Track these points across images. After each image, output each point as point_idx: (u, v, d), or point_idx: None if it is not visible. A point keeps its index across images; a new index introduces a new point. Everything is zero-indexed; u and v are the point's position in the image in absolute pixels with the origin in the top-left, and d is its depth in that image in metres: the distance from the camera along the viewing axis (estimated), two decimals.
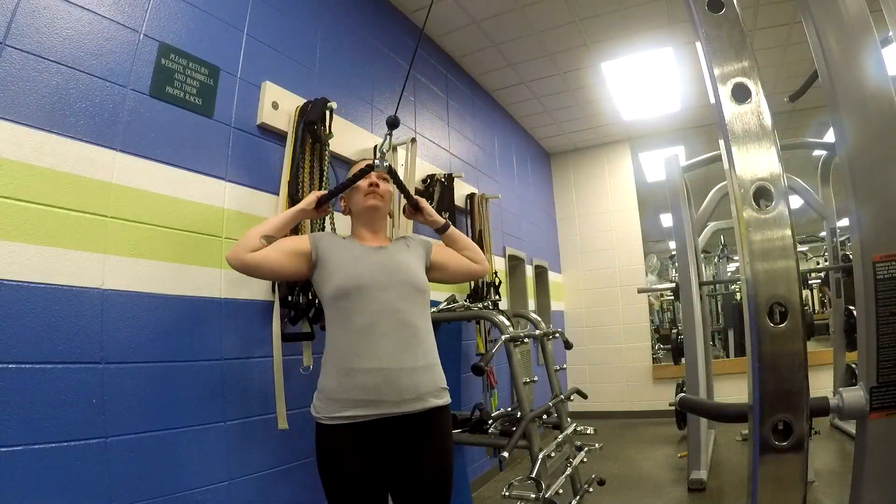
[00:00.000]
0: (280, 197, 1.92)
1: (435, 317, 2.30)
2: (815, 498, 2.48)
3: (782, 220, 0.67)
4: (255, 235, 1.32)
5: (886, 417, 0.83)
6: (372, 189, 1.43)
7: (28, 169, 1.26)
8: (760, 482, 0.67)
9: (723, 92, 0.72)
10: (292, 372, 1.86)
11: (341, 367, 1.27)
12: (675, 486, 2.94)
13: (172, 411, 1.51)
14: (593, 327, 5.26)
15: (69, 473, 1.25)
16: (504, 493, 1.76)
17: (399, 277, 1.34)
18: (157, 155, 1.57)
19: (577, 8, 3.19)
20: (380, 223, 1.48)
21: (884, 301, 0.84)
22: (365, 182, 1.43)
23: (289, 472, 1.84)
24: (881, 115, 0.86)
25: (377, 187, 1.43)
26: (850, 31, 0.90)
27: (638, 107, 4.58)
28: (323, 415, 1.27)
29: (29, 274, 1.24)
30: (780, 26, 3.38)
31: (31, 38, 1.31)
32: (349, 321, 1.28)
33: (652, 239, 7.61)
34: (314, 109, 2.01)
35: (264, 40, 2.01)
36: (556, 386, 2.36)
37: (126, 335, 1.43)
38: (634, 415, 4.95)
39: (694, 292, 3.11)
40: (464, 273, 1.56)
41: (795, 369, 0.66)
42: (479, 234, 3.28)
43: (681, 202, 3.16)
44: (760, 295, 0.66)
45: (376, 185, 1.43)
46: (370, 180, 1.43)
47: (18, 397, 1.19)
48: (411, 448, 1.29)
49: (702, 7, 0.75)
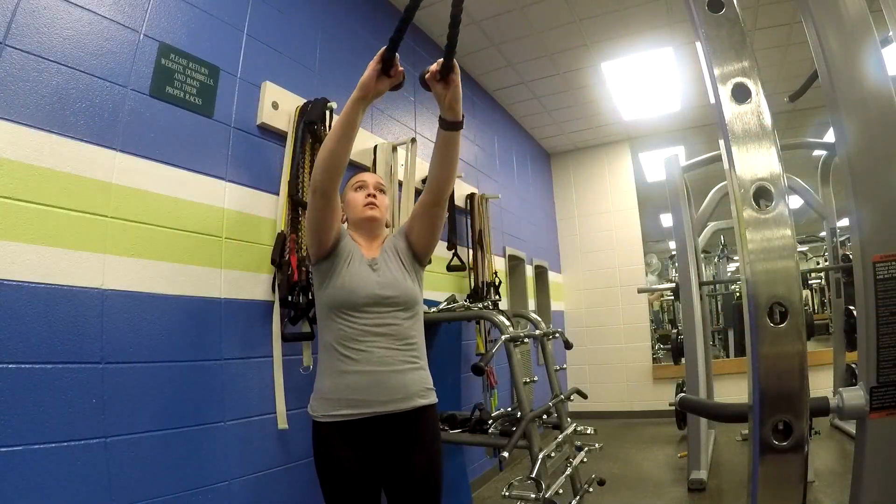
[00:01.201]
0: (280, 197, 1.92)
1: (435, 317, 2.30)
2: (815, 498, 2.48)
3: (782, 220, 0.67)
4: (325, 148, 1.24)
5: (886, 417, 0.83)
6: (370, 201, 1.45)
7: (28, 169, 1.26)
8: (760, 482, 0.67)
9: (723, 92, 0.72)
10: (292, 372, 1.86)
11: (334, 369, 1.31)
12: (675, 486, 2.94)
13: (172, 411, 1.51)
14: (593, 327, 5.26)
15: (69, 473, 1.25)
16: (504, 493, 1.76)
17: (394, 298, 1.36)
18: (157, 155, 1.57)
19: (577, 8, 3.19)
20: (377, 232, 1.49)
21: (884, 301, 0.84)
22: (362, 195, 1.45)
23: (289, 472, 1.84)
24: (881, 115, 0.86)
25: (374, 198, 1.45)
26: (850, 31, 0.90)
27: (638, 107, 4.58)
28: (318, 413, 1.32)
29: (29, 274, 1.24)
30: (780, 26, 3.38)
31: (31, 38, 1.31)
32: (342, 330, 1.31)
33: (652, 239, 7.61)
34: (314, 109, 2.01)
35: (264, 40, 2.01)
36: (556, 386, 2.36)
37: (126, 335, 1.43)
38: (634, 415, 4.95)
39: (694, 292, 3.11)
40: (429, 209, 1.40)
41: (795, 369, 0.66)
42: (479, 234, 3.28)
43: (681, 202, 3.16)
44: (760, 295, 0.66)
45: (374, 197, 1.45)
46: (368, 192, 1.45)
47: (18, 397, 1.19)
48: (401, 446, 1.32)
49: (702, 7, 0.75)
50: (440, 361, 2.49)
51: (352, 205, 1.47)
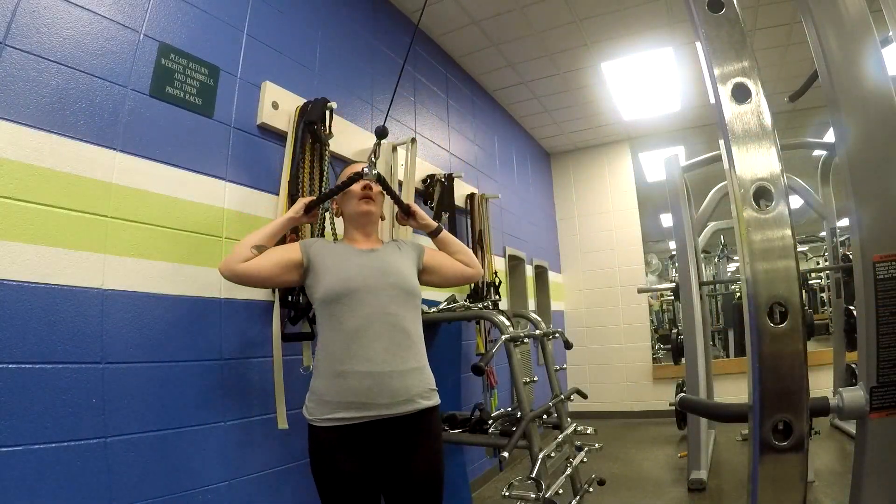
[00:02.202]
0: (280, 197, 1.92)
1: (435, 317, 2.30)
2: (815, 498, 2.48)
3: (782, 220, 0.67)
4: (245, 246, 1.33)
5: (886, 417, 0.83)
6: (365, 193, 1.44)
7: (28, 169, 1.26)
8: (760, 482, 0.67)
9: (723, 92, 0.72)
10: (292, 372, 1.86)
11: (333, 370, 1.28)
12: (675, 486, 2.94)
13: (172, 411, 1.51)
14: (593, 327, 5.26)
15: (69, 473, 1.25)
16: (504, 493, 1.76)
17: (390, 280, 1.34)
18: (157, 155, 1.57)
19: (577, 8, 3.19)
20: (372, 227, 1.49)
21: (884, 301, 0.84)
22: (358, 186, 1.43)
23: (289, 472, 1.84)
24: (881, 115, 0.86)
25: (370, 190, 1.44)
26: (850, 31, 0.89)
27: (638, 107, 4.58)
28: (315, 416, 1.29)
29: (29, 274, 1.24)
30: (780, 26, 3.38)
31: (31, 38, 1.30)
32: (340, 324, 1.29)
33: (652, 239, 7.61)
34: (314, 109, 2.00)
35: (264, 40, 2.01)
36: (556, 386, 2.36)
37: (126, 335, 1.43)
38: (634, 415, 4.94)
39: (694, 292, 3.11)
40: (457, 277, 1.57)
41: (795, 369, 0.66)
42: (479, 234, 3.28)
43: (681, 202, 3.16)
44: (760, 295, 0.66)
45: (370, 189, 1.44)
46: (364, 183, 1.43)
47: (18, 397, 1.19)
48: (403, 449, 1.30)
49: (702, 7, 0.75)
50: (440, 361, 2.48)
51: (347, 198, 1.46)
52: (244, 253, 1.32)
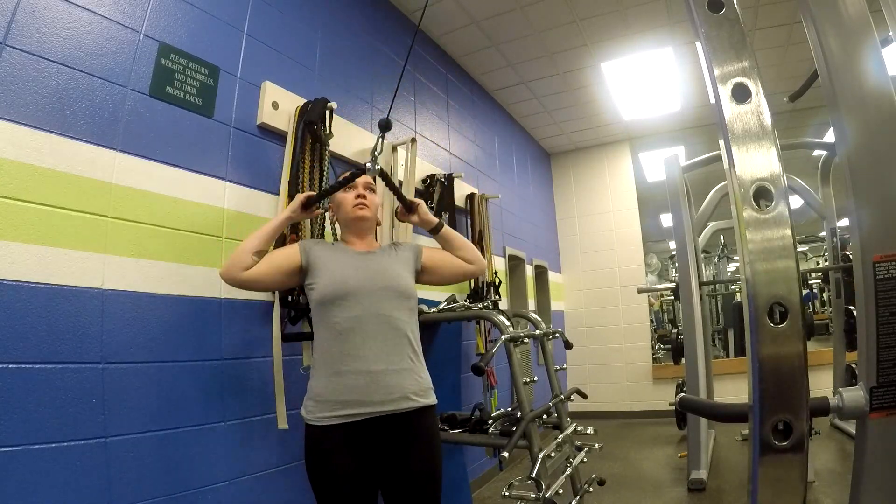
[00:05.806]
0: (280, 197, 1.92)
1: (435, 317, 2.30)
2: (815, 498, 2.48)
3: (782, 220, 0.67)
4: (246, 252, 1.34)
5: (886, 417, 0.83)
6: (360, 201, 1.45)
7: (28, 169, 1.26)
8: (760, 482, 0.67)
9: (723, 92, 0.72)
10: (292, 372, 1.86)
11: (329, 370, 1.30)
12: (675, 486, 2.94)
13: (172, 411, 1.51)
14: (593, 327, 5.26)
15: (69, 473, 1.25)
16: (504, 493, 1.76)
17: (384, 282, 1.36)
18: (157, 155, 1.57)
19: (577, 8, 3.19)
20: (368, 231, 1.50)
21: (884, 301, 0.84)
22: (352, 194, 1.45)
23: (289, 471, 1.84)
24: (881, 115, 0.86)
25: (364, 198, 1.46)
26: (850, 31, 0.89)
27: (638, 107, 4.58)
28: (313, 416, 1.30)
29: (29, 274, 1.24)
30: (780, 26, 3.38)
31: (31, 38, 1.30)
32: (336, 325, 1.31)
33: (652, 239, 7.61)
34: (314, 109, 2.00)
35: (264, 40, 2.01)
36: (556, 386, 2.36)
37: (126, 335, 1.43)
38: (634, 415, 4.94)
39: (694, 292, 3.11)
40: (458, 274, 1.56)
41: (795, 369, 0.66)
42: (479, 234, 3.28)
43: (681, 202, 3.16)
44: (760, 295, 0.66)
45: (363, 197, 1.46)
46: (357, 192, 1.46)
47: (18, 397, 1.19)
48: (400, 446, 1.31)
49: (702, 7, 0.75)
50: (440, 361, 2.49)
51: (342, 204, 1.47)
52: (245, 260, 1.33)
